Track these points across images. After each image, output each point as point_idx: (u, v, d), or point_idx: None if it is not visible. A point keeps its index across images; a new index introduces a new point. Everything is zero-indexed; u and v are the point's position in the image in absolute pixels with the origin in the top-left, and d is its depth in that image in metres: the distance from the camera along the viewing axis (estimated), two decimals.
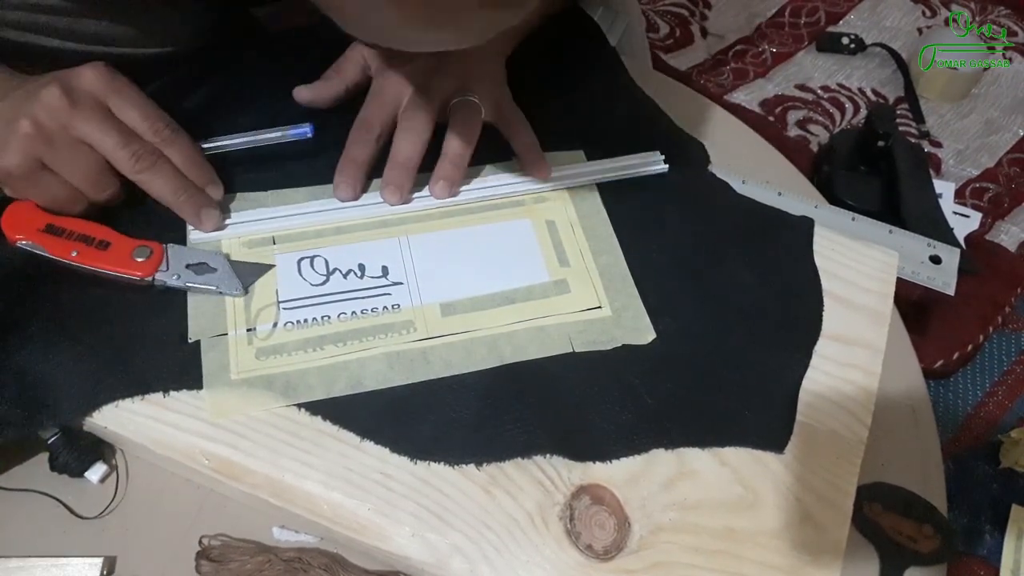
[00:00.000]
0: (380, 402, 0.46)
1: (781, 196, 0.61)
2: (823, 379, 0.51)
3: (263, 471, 0.44)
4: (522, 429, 0.46)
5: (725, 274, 0.54)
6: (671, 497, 0.46)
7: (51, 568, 0.43)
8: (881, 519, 0.49)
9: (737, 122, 0.70)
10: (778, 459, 0.47)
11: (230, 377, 0.46)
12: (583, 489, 0.45)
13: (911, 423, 0.54)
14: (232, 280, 0.49)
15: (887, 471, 0.51)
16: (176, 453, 0.44)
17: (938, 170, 1.24)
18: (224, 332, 0.48)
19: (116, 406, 0.45)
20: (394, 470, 0.44)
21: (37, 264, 0.48)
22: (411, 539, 0.43)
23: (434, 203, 0.55)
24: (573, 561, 0.43)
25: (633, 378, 0.49)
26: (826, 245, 0.57)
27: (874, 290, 0.55)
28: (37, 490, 0.45)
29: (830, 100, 1.32)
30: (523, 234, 0.55)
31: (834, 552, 0.45)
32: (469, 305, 0.51)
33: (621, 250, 0.55)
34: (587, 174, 0.58)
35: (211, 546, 0.44)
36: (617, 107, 0.64)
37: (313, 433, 0.45)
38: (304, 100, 0.58)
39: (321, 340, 0.48)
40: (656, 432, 0.47)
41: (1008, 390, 1.05)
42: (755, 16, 1.44)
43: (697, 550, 0.44)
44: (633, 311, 0.52)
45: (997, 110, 1.32)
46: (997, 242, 1.16)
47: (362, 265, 0.52)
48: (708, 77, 1.35)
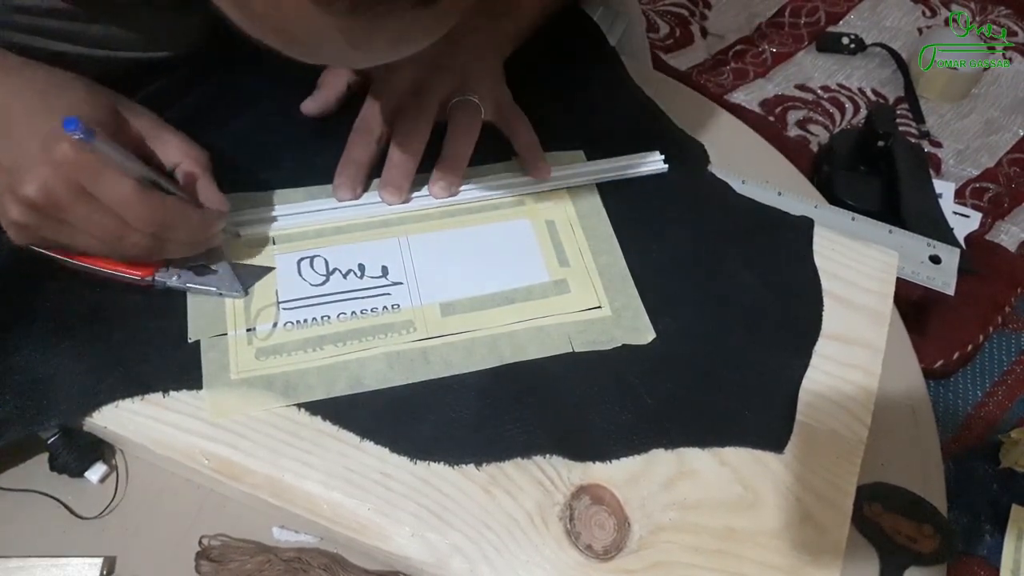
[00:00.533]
0: (380, 402, 0.46)
1: (781, 196, 0.61)
2: (823, 379, 0.51)
3: (263, 471, 0.44)
4: (522, 429, 0.46)
5: (725, 274, 0.54)
6: (671, 497, 0.46)
7: (51, 568, 0.43)
8: (881, 519, 0.49)
9: (737, 122, 0.70)
10: (778, 459, 0.47)
11: (230, 377, 0.46)
12: (583, 489, 0.45)
13: (911, 423, 0.54)
14: (232, 282, 0.49)
15: (887, 471, 0.51)
16: (176, 453, 0.44)
17: (938, 170, 1.24)
18: (224, 332, 0.48)
19: (116, 406, 0.45)
20: (394, 470, 0.44)
21: (37, 264, 0.48)
22: (411, 539, 0.43)
23: (434, 203, 0.55)
24: (573, 561, 0.43)
25: (633, 378, 0.49)
26: (826, 245, 0.57)
27: (874, 290, 0.55)
28: (37, 490, 0.45)
29: (830, 100, 1.32)
30: (523, 234, 0.55)
31: (834, 552, 0.45)
32: (469, 305, 0.51)
33: (621, 250, 0.55)
34: (587, 174, 0.58)
35: (211, 546, 0.44)
36: (617, 107, 0.64)
37: (313, 433, 0.45)
38: (313, 113, 0.58)
39: (321, 340, 0.48)
40: (656, 432, 0.47)
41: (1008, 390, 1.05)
42: (755, 16, 1.45)
43: (697, 550, 0.44)
44: (633, 311, 0.52)
45: (997, 110, 1.32)
46: (997, 242, 1.16)
47: (362, 265, 0.52)
48: (708, 77, 1.35)
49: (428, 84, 0.55)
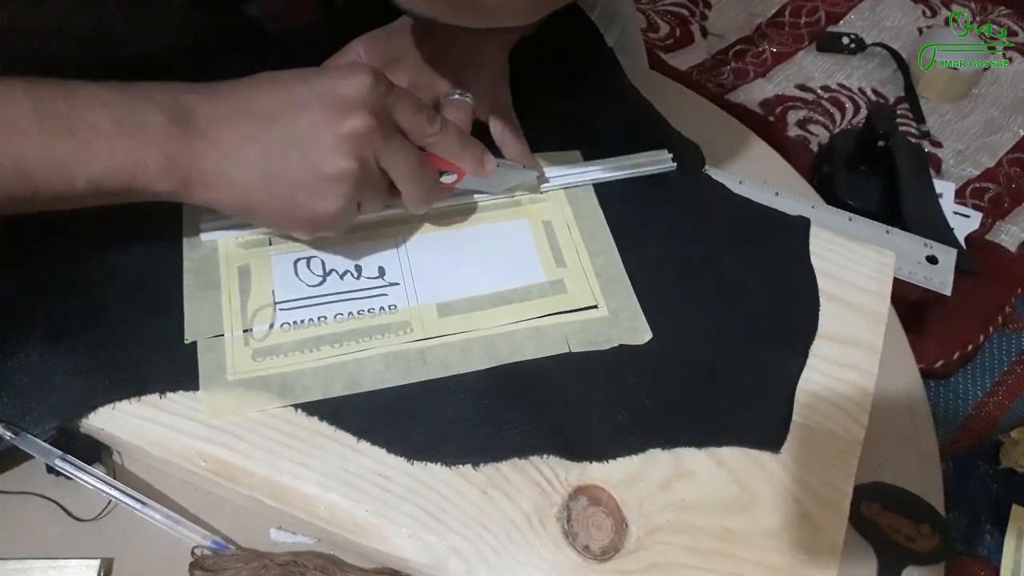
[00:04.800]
0: (377, 403, 0.46)
1: (778, 196, 0.61)
2: (819, 379, 0.51)
3: (260, 472, 0.44)
4: (519, 429, 0.46)
5: (721, 274, 0.54)
6: (668, 498, 0.45)
7: (48, 570, 0.43)
8: (879, 519, 0.49)
9: (734, 122, 0.70)
10: (775, 459, 0.47)
11: (227, 378, 0.46)
12: (580, 490, 0.45)
13: (909, 423, 0.54)
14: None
15: (885, 471, 0.51)
16: (173, 455, 0.44)
17: (938, 170, 1.24)
18: (221, 333, 0.48)
19: (113, 408, 0.45)
20: (391, 471, 0.44)
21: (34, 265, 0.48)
22: (408, 540, 0.43)
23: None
24: (570, 562, 0.43)
25: (630, 378, 0.49)
26: (823, 245, 0.57)
27: (871, 290, 0.55)
28: (34, 492, 0.45)
29: (830, 100, 1.32)
30: (520, 234, 0.55)
31: (832, 552, 0.45)
32: (466, 305, 0.51)
33: (617, 250, 0.55)
34: (584, 174, 0.58)
35: (204, 556, 0.43)
36: (613, 107, 0.64)
37: (310, 434, 0.45)
38: None
39: (318, 341, 0.48)
40: (653, 432, 0.47)
41: (1008, 390, 1.05)
42: (755, 16, 1.45)
43: (694, 551, 0.44)
44: (629, 311, 0.52)
45: (997, 110, 1.32)
46: (997, 242, 1.16)
47: (359, 266, 0.52)
48: (708, 77, 1.35)
49: (420, 81, 0.54)
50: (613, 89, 0.65)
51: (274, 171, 0.45)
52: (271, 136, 0.44)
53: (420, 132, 0.48)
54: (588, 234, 0.55)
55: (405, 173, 0.48)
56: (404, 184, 0.48)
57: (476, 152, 0.52)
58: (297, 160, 0.44)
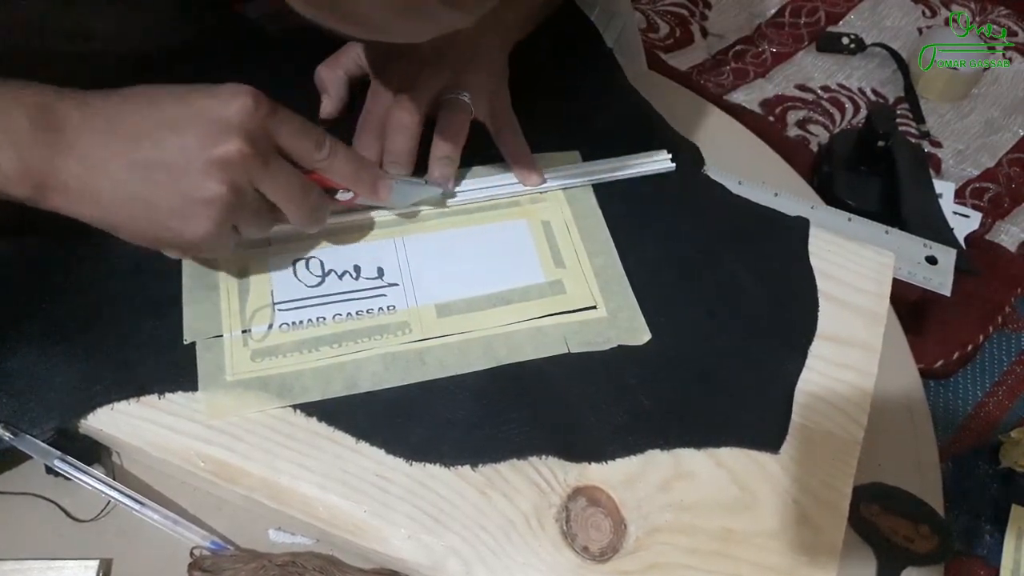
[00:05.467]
0: (376, 403, 0.46)
1: (777, 196, 0.61)
2: (818, 379, 0.51)
3: (259, 473, 0.44)
4: (518, 430, 0.46)
5: (720, 275, 0.54)
6: (667, 498, 0.45)
7: (47, 571, 0.43)
8: (878, 519, 0.49)
9: (734, 122, 0.70)
10: (774, 460, 0.47)
11: (226, 379, 0.46)
12: (579, 491, 0.45)
13: (908, 423, 0.54)
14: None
15: (884, 472, 0.51)
16: (172, 455, 0.44)
17: (938, 170, 1.24)
18: (219, 334, 0.48)
19: (112, 408, 0.45)
20: (390, 472, 0.44)
21: (33, 267, 0.48)
22: (407, 541, 0.43)
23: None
24: (569, 563, 0.43)
25: (629, 379, 0.49)
26: (822, 246, 0.57)
27: (870, 291, 0.55)
28: (33, 493, 0.45)
29: (830, 100, 1.32)
30: (519, 235, 0.55)
31: (831, 553, 0.45)
32: (465, 306, 0.51)
33: (616, 251, 0.55)
34: (583, 174, 0.58)
35: (203, 556, 0.44)
36: (613, 108, 0.64)
37: (309, 435, 0.45)
38: (333, 115, 0.58)
39: (317, 341, 0.48)
40: (652, 432, 0.47)
41: (1008, 390, 1.05)
42: (755, 16, 1.44)
43: (693, 551, 0.44)
44: (628, 312, 0.52)
45: (997, 110, 1.32)
46: (997, 242, 1.16)
47: (357, 266, 0.52)
48: (708, 77, 1.35)
49: (418, 81, 0.54)
50: (612, 89, 0.65)
51: (139, 192, 0.43)
52: (139, 156, 0.43)
53: (307, 156, 0.47)
54: (587, 234, 0.55)
55: (285, 197, 0.46)
56: (286, 208, 0.47)
57: (369, 177, 0.51)
58: (165, 182, 0.43)
